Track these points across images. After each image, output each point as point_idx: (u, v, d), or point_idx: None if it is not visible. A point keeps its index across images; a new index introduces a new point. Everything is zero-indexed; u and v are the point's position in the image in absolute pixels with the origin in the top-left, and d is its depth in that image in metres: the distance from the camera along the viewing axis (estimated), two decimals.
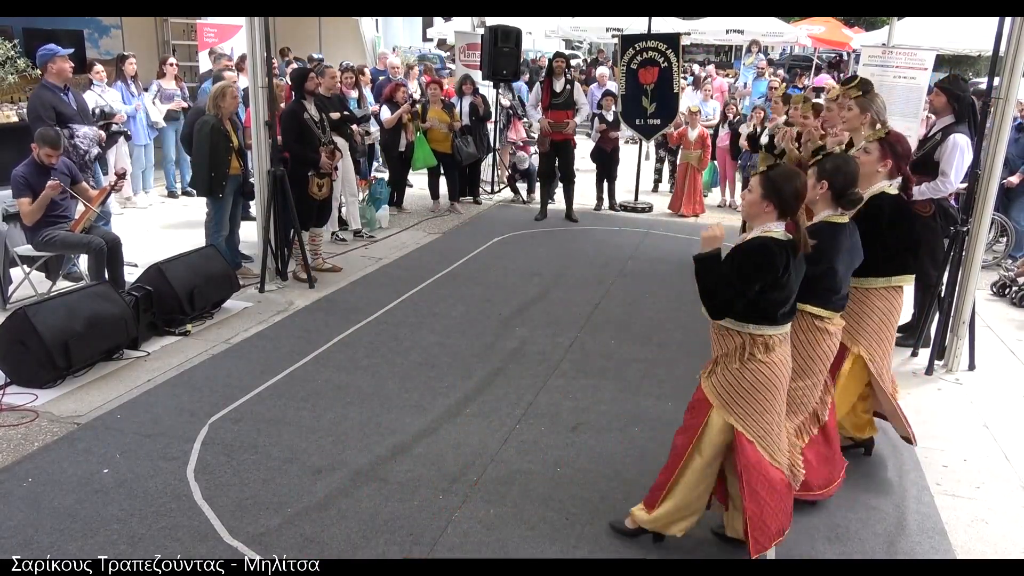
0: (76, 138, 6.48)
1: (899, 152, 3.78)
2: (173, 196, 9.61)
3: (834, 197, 3.29)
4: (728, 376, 3.05)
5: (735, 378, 3.03)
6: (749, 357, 3.01)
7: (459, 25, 14.91)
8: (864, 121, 4.18)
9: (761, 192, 2.96)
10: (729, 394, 3.06)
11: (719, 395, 3.08)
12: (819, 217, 3.34)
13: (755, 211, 3.00)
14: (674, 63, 9.59)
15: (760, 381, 3.02)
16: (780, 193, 2.92)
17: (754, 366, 3.01)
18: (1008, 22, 4.82)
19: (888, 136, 3.83)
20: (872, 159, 3.74)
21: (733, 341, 3.04)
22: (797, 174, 3.00)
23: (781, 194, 2.92)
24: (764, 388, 3.02)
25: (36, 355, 4.44)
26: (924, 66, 8.39)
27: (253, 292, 6.31)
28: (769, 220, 2.97)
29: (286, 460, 3.87)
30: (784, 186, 2.92)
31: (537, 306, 6.27)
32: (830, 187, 3.28)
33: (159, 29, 12.51)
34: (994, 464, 4.13)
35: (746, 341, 3.01)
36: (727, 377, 3.06)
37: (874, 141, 3.79)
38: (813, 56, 22.12)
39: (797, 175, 2.99)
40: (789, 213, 2.95)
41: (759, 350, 2.99)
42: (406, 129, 8.87)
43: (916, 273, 3.98)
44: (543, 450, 4.06)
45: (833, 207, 3.31)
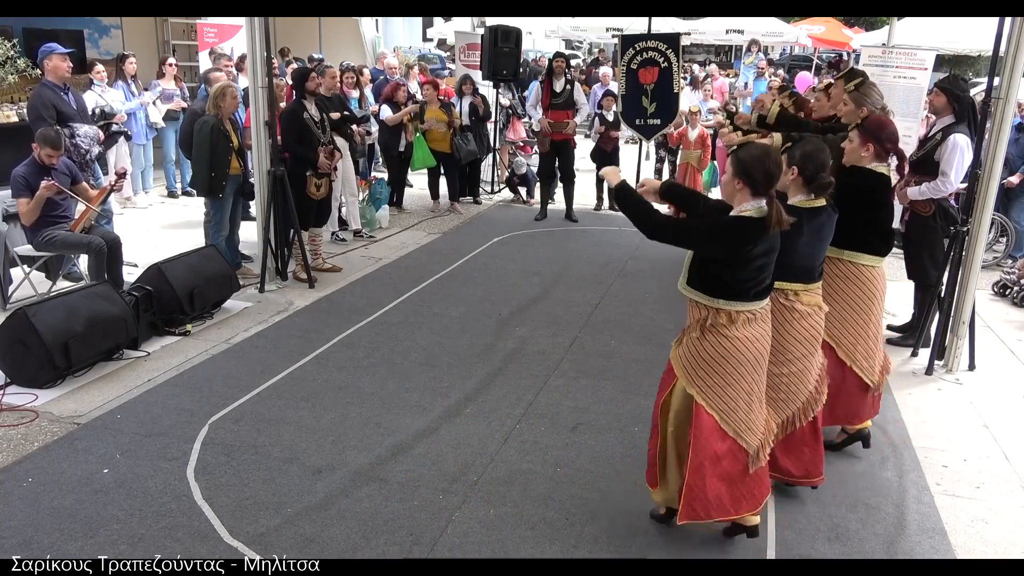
0: (77, 137, 6.48)
1: (881, 136, 3.79)
2: (173, 196, 9.61)
3: (805, 182, 3.34)
4: (690, 347, 3.11)
5: (696, 349, 3.09)
6: (710, 328, 3.04)
7: (459, 25, 14.93)
8: (860, 115, 4.22)
9: (731, 171, 3.02)
10: (691, 364, 3.11)
11: (682, 365, 3.14)
12: (792, 202, 3.37)
13: (729, 191, 3.06)
14: (674, 63, 9.58)
15: (720, 354, 3.04)
16: (749, 172, 2.96)
17: (714, 338, 3.04)
18: (1008, 22, 4.82)
19: (866, 121, 3.87)
20: (855, 146, 3.83)
21: (700, 312, 3.09)
22: (767, 152, 3.03)
23: (750, 173, 2.96)
24: (725, 361, 3.04)
25: (36, 355, 4.44)
26: (924, 66, 8.38)
27: (253, 292, 6.31)
28: (744, 199, 3.00)
29: (286, 460, 3.87)
30: (753, 165, 2.96)
31: (537, 306, 6.27)
32: (800, 173, 3.33)
33: (159, 29, 12.51)
34: (994, 464, 4.13)
35: (710, 314, 3.05)
36: (689, 348, 3.12)
37: (854, 128, 3.87)
38: (813, 56, 22.12)
39: (767, 153, 3.02)
40: (761, 190, 2.97)
41: (721, 322, 3.02)
42: (406, 129, 8.87)
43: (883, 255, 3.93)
44: (543, 450, 4.06)
45: (805, 192, 3.36)
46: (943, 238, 5.28)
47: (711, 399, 3.09)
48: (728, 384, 3.07)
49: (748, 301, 3.02)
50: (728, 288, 3.00)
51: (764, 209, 2.94)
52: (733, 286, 2.99)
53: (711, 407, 3.09)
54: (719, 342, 3.03)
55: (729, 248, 2.94)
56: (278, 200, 6.24)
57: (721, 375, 3.06)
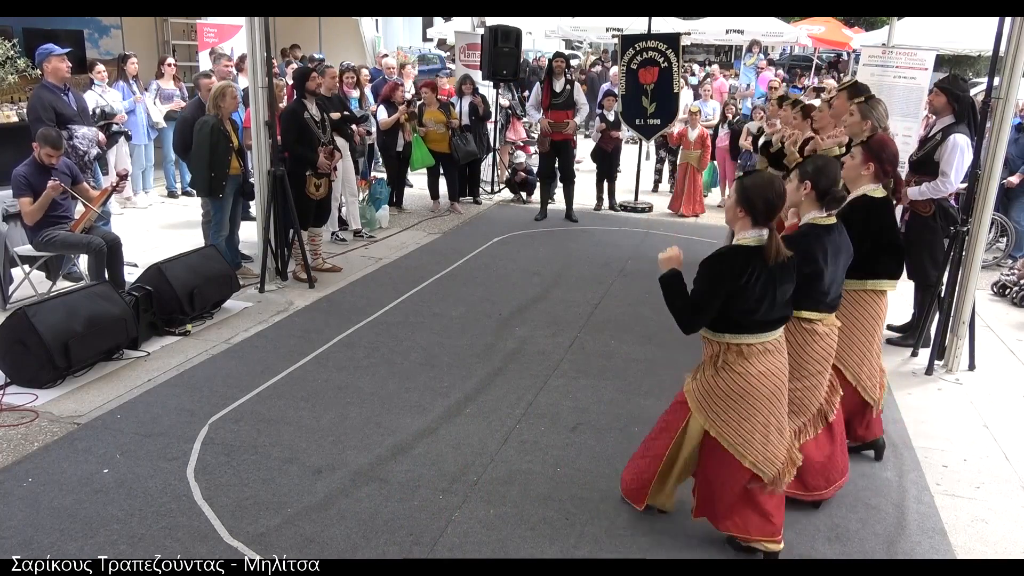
0: (75, 139, 6.47)
1: (883, 156, 3.77)
2: (173, 196, 9.61)
3: (818, 197, 3.30)
4: (704, 382, 3.10)
5: (710, 385, 3.08)
6: (723, 365, 3.03)
7: (459, 25, 14.92)
8: (865, 128, 4.27)
9: (735, 198, 3.00)
10: (705, 400, 3.10)
11: (697, 401, 3.13)
12: (806, 219, 3.36)
13: (731, 216, 3.05)
14: (674, 63, 9.59)
15: (735, 391, 3.02)
16: (751, 201, 2.94)
17: (727, 375, 3.02)
18: (1008, 22, 4.82)
19: (871, 140, 3.86)
20: (856, 163, 3.79)
21: (712, 348, 3.08)
22: (772, 183, 2.99)
23: (752, 202, 2.93)
24: (740, 398, 3.02)
25: (36, 355, 4.44)
26: (924, 66, 8.38)
27: (253, 292, 6.31)
28: (744, 227, 2.99)
29: (286, 460, 3.87)
30: (755, 194, 2.93)
31: (537, 306, 6.27)
32: (813, 187, 3.29)
33: (159, 29, 12.50)
34: (994, 464, 4.13)
35: (721, 349, 3.04)
36: (703, 383, 3.11)
37: (858, 145, 3.85)
38: (813, 56, 22.11)
39: (772, 184, 2.98)
40: (761, 221, 2.95)
41: (732, 358, 3.01)
42: (403, 129, 8.87)
43: (897, 277, 3.92)
44: (543, 450, 4.06)
45: (818, 208, 3.33)
46: (943, 238, 5.28)
47: (727, 434, 3.08)
48: (744, 419, 3.05)
49: (756, 333, 3.00)
50: (731, 322, 2.98)
51: (763, 239, 2.93)
52: (736, 319, 2.97)
53: (727, 442, 3.08)
54: (732, 379, 3.02)
55: (715, 283, 2.92)
56: (278, 200, 6.24)
57: (736, 411, 3.04)
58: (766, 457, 3.10)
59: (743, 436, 3.06)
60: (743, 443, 3.07)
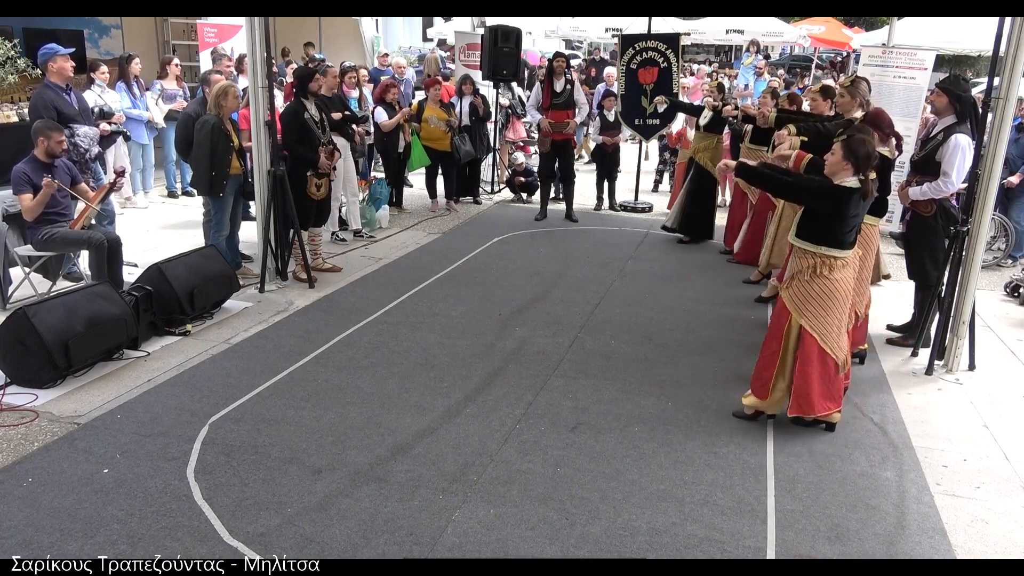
0: (76, 137, 6.48)
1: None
2: (173, 196, 9.61)
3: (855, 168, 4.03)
4: (800, 288, 4.13)
5: (806, 289, 4.11)
6: (819, 274, 4.06)
7: (459, 25, 14.91)
8: (854, 104, 5.17)
9: (842, 154, 3.95)
10: (801, 301, 4.13)
11: (795, 302, 4.14)
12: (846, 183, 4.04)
13: (836, 168, 3.99)
14: (674, 63, 9.59)
15: (825, 293, 4.08)
16: (856, 155, 3.92)
17: (821, 281, 4.07)
18: (1008, 22, 4.82)
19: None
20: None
21: (808, 261, 4.08)
22: (868, 139, 3.99)
23: (857, 155, 3.92)
24: (827, 298, 4.08)
25: (36, 355, 4.44)
26: (924, 66, 8.39)
27: (253, 292, 6.31)
28: (847, 175, 3.96)
29: (286, 460, 3.87)
30: (859, 149, 3.92)
31: (537, 306, 6.27)
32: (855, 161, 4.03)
33: (159, 29, 12.51)
34: (994, 464, 4.13)
35: (817, 262, 4.06)
36: (799, 289, 4.13)
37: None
38: (813, 56, 22.12)
39: (868, 140, 3.98)
40: (863, 170, 3.93)
41: (826, 269, 4.05)
42: (403, 130, 8.87)
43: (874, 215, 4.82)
44: (543, 450, 4.06)
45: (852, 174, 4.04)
46: (944, 238, 5.28)
47: (815, 326, 4.10)
48: (828, 315, 4.10)
49: (844, 250, 4.05)
50: (835, 240, 4.01)
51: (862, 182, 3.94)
52: (835, 237, 4.00)
53: (815, 332, 4.10)
54: (824, 284, 4.07)
55: (835, 206, 3.95)
56: (278, 200, 6.24)
57: (824, 308, 4.09)
58: (839, 346, 4.16)
59: (827, 328, 4.10)
60: (827, 333, 4.11)
